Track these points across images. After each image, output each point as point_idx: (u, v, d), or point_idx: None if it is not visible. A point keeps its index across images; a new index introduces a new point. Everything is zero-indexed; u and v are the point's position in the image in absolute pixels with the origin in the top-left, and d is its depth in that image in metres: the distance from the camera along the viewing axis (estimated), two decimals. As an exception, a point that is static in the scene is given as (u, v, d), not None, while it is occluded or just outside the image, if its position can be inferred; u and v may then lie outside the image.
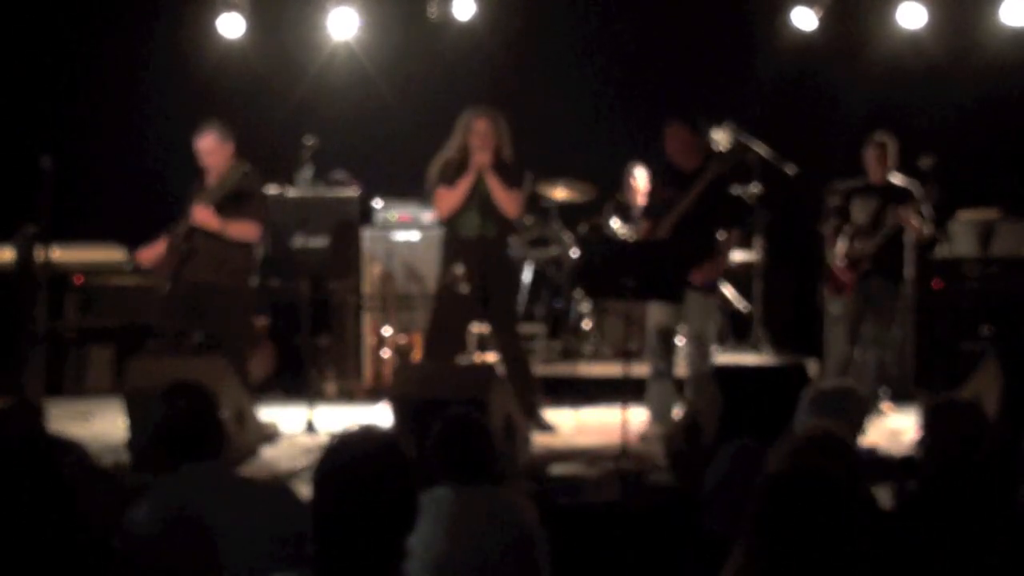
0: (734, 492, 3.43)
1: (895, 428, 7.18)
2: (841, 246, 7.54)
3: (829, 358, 7.87)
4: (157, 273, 7.05)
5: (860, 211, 7.52)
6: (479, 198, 6.85)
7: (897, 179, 7.54)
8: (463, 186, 6.88)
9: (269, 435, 6.72)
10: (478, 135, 6.87)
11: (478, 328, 8.05)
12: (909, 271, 7.63)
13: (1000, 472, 3.47)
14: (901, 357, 8.27)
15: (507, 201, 6.92)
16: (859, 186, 7.58)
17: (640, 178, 8.70)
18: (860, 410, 4.28)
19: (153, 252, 7.05)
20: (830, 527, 2.41)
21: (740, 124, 8.39)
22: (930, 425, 3.74)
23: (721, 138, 8.35)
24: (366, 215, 8.79)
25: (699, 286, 6.86)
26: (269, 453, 6.42)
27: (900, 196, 7.47)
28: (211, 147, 7.00)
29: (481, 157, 6.82)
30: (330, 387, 8.42)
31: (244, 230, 6.95)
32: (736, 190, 8.69)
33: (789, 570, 2.41)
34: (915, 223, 7.41)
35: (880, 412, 7.44)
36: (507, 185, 6.90)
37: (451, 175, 6.95)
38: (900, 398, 7.76)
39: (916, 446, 3.81)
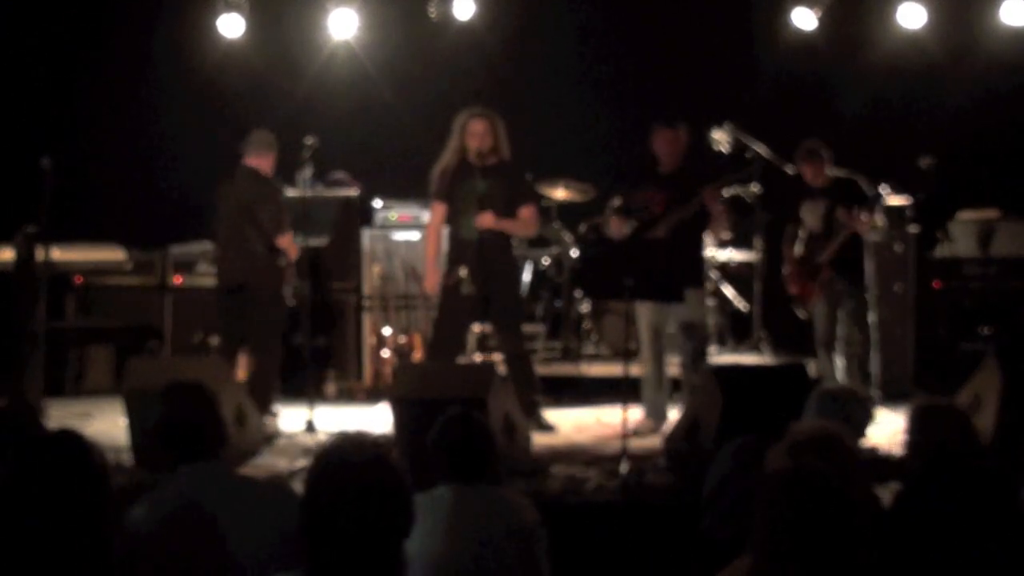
0: (734, 492, 3.43)
1: (896, 428, 7.18)
2: (791, 252, 7.52)
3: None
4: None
5: (810, 215, 7.48)
6: (477, 202, 6.86)
7: (839, 173, 7.45)
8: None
9: (269, 435, 6.72)
10: (475, 136, 6.89)
11: (478, 328, 8.05)
12: (870, 267, 7.58)
13: (998, 472, 3.47)
14: (901, 357, 8.26)
15: (524, 227, 7.15)
16: (806, 189, 7.50)
17: None
18: (864, 413, 4.28)
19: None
20: (835, 527, 2.41)
21: (740, 124, 8.40)
22: (916, 428, 3.74)
23: (721, 138, 8.35)
24: (366, 215, 8.79)
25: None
26: (269, 453, 6.41)
27: (845, 192, 7.34)
28: None
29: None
30: (330, 387, 8.42)
31: None
32: (735, 190, 8.73)
33: (795, 571, 2.41)
34: (865, 221, 7.25)
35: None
36: (522, 203, 7.02)
37: (447, 184, 7.00)
38: (900, 398, 7.75)
39: (904, 448, 3.81)
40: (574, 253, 8.71)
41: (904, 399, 7.75)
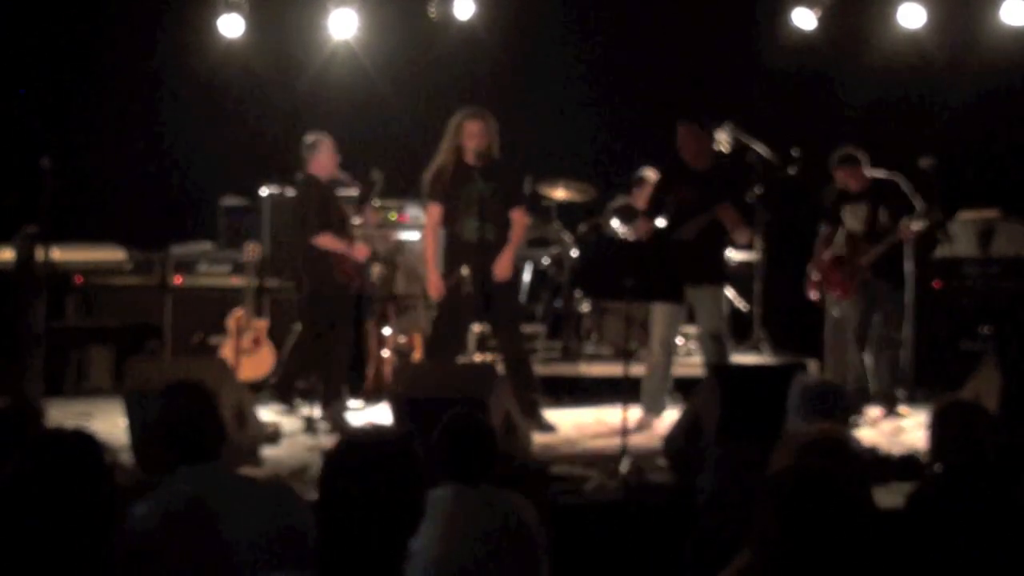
0: (732, 493, 3.43)
1: (895, 428, 7.18)
2: (822, 252, 7.56)
3: (829, 360, 7.87)
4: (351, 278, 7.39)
5: (852, 218, 7.52)
6: (478, 203, 6.86)
7: (879, 174, 7.50)
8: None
9: (269, 435, 6.72)
10: (473, 137, 6.90)
11: (478, 328, 8.05)
12: (909, 267, 7.62)
13: (1002, 471, 3.47)
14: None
15: (520, 234, 7.11)
16: (846, 192, 7.54)
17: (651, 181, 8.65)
18: (846, 405, 4.28)
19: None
20: (835, 528, 2.41)
21: (740, 124, 8.39)
22: (939, 427, 3.74)
23: (721, 138, 8.34)
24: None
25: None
26: (269, 453, 6.41)
27: (887, 193, 7.40)
28: None
29: None
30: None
31: None
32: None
33: (795, 571, 2.41)
34: (915, 229, 7.32)
35: (898, 415, 7.43)
36: (515, 203, 7.04)
37: (444, 186, 7.01)
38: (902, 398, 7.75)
39: (927, 446, 3.81)
40: (574, 253, 8.71)
41: (905, 399, 7.77)
